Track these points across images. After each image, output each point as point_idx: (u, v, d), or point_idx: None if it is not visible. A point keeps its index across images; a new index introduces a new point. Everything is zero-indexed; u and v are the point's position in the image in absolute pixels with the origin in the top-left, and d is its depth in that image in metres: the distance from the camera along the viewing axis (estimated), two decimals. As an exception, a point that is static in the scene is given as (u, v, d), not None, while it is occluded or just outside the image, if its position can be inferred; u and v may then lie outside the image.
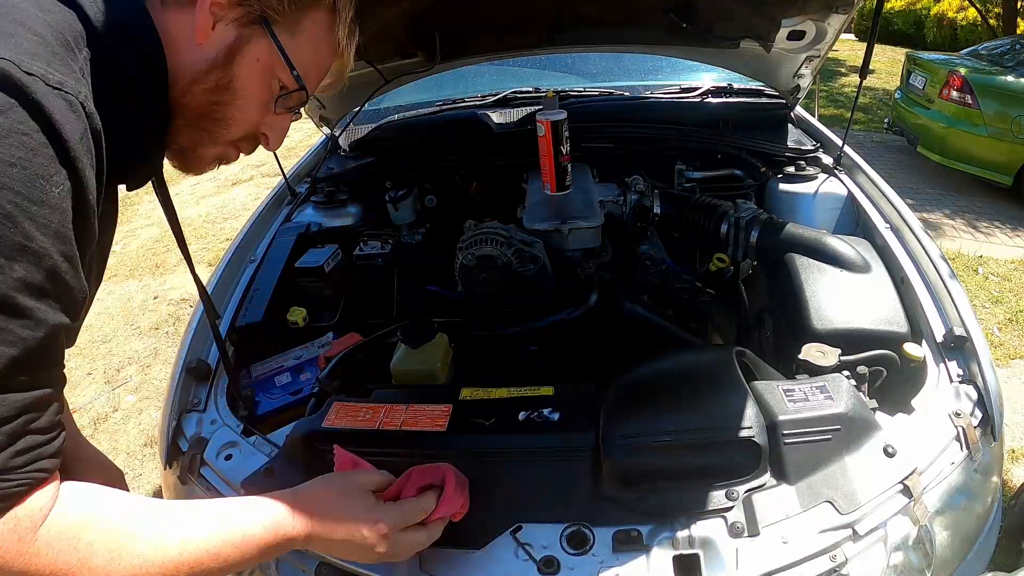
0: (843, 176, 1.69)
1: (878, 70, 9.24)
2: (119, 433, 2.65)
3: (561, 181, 1.51)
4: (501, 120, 2.03)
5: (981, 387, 1.03)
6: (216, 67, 0.66)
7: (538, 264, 1.37)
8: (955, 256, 3.90)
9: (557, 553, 0.82)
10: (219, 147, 0.73)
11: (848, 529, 0.82)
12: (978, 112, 4.72)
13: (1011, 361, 2.92)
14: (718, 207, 1.49)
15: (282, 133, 0.75)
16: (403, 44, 1.72)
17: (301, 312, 1.39)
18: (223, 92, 0.67)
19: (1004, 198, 4.74)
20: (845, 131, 1.65)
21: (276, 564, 0.89)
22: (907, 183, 5.06)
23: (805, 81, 1.87)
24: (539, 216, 1.45)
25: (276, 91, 0.71)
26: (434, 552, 0.82)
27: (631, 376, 1.02)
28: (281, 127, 0.75)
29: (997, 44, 5.68)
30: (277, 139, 0.75)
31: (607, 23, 1.78)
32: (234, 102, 0.68)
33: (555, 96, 1.48)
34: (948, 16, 11.18)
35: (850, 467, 0.87)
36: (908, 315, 1.15)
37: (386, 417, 0.97)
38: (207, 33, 0.64)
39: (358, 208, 1.81)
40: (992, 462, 0.99)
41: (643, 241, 1.53)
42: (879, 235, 1.40)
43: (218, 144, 0.72)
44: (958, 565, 0.93)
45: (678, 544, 0.81)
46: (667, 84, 2.25)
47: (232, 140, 0.73)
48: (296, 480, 0.74)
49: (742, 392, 0.90)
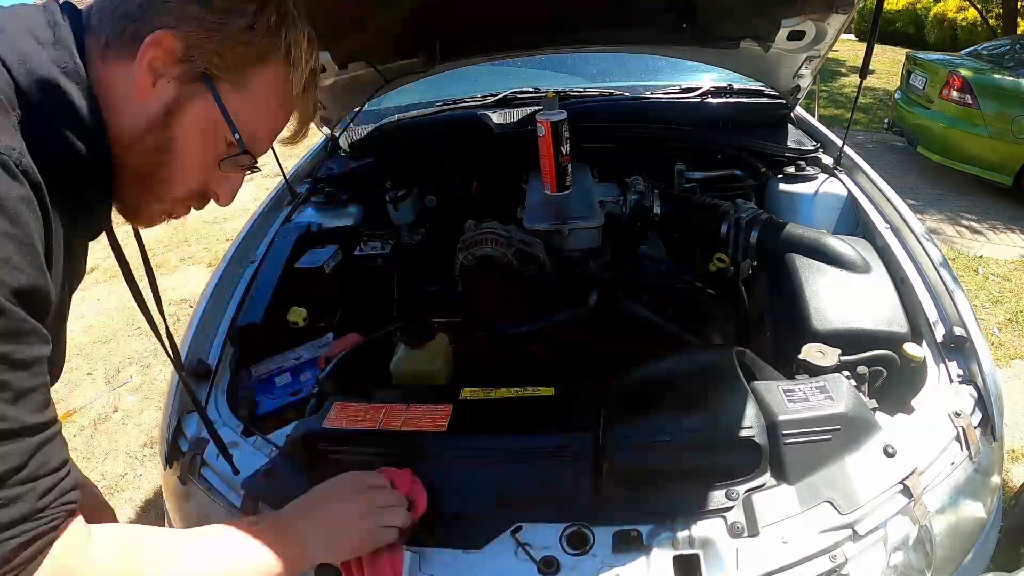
0: (843, 176, 1.69)
1: (878, 70, 9.24)
2: (119, 433, 2.65)
3: (561, 181, 1.51)
4: (501, 120, 2.03)
5: (981, 387, 1.03)
6: (155, 127, 0.62)
7: (538, 264, 1.37)
8: (955, 256, 3.90)
9: (557, 553, 0.82)
10: (166, 204, 0.70)
11: (848, 529, 0.82)
12: (978, 112, 4.72)
13: (1011, 361, 2.91)
14: (718, 207, 1.49)
15: (233, 190, 0.72)
16: (403, 44, 1.72)
17: (301, 312, 1.39)
18: (162, 153, 0.64)
19: (1004, 198, 4.74)
20: (845, 131, 1.65)
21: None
22: (907, 183, 5.05)
23: (805, 81, 1.87)
24: (539, 216, 1.45)
25: (222, 150, 0.67)
26: (434, 552, 0.82)
27: (631, 376, 1.02)
28: (232, 185, 0.72)
29: (997, 44, 5.69)
30: (228, 196, 0.72)
31: (607, 23, 1.78)
32: (175, 163, 0.65)
33: (555, 96, 1.48)
34: (948, 16, 11.18)
35: (850, 467, 0.87)
36: (908, 315, 1.15)
37: (386, 417, 0.97)
38: (147, 91, 0.61)
39: (358, 208, 1.81)
40: (992, 462, 0.99)
41: (643, 241, 1.53)
42: (879, 235, 1.40)
43: (164, 202, 0.69)
44: (958, 565, 0.93)
45: (678, 544, 0.81)
46: (667, 84, 2.25)
47: (178, 199, 0.69)
48: (296, 480, 0.75)
49: (742, 392, 0.90)
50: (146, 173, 0.65)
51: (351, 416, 0.96)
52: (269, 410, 1.21)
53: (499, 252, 1.34)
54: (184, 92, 0.62)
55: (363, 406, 0.99)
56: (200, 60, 0.62)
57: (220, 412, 1.11)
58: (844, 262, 1.25)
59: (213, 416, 1.10)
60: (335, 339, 1.33)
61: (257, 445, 1.03)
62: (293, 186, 1.88)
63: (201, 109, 0.64)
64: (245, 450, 1.02)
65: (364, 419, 0.97)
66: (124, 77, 0.61)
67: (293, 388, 1.25)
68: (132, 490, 2.37)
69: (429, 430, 0.94)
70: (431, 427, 0.94)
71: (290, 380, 1.26)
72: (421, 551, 0.82)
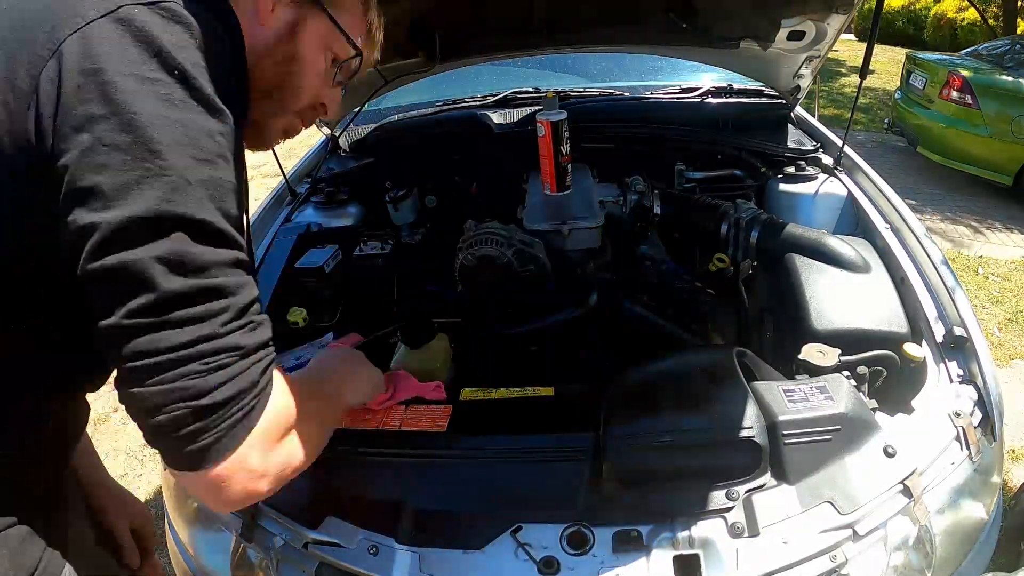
0: (843, 176, 1.69)
1: (878, 70, 9.24)
2: (119, 433, 2.65)
3: (561, 181, 1.51)
4: (501, 120, 2.03)
5: (981, 387, 1.03)
6: (282, 41, 0.72)
7: (538, 264, 1.37)
8: (955, 256, 3.90)
9: (557, 553, 0.82)
10: (286, 118, 0.79)
11: (848, 529, 0.82)
12: (978, 112, 4.72)
13: (1011, 361, 2.92)
14: (718, 207, 1.49)
15: (337, 102, 0.83)
16: (403, 44, 1.71)
17: (301, 312, 1.39)
18: (291, 63, 0.74)
19: (1004, 198, 4.74)
20: (845, 131, 1.65)
21: (276, 564, 0.89)
22: (907, 183, 5.05)
23: (805, 81, 1.87)
24: (539, 216, 1.45)
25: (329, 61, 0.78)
26: (434, 552, 0.82)
27: (631, 376, 1.02)
28: (336, 97, 0.83)
29: (997, 44, 5.68)
30: (335, 108, 0.83)
31: (607, 23, 1.78)
32: (302, 71, 0.75)
33: (555, 96, 1.48)
34: (948, 16, 11.18)
35: (850, 467, 0.87)
36: (908, 315, 1.15)
37: (386, 417, 0.97)
38: (268, 14, 0.70)
39: (358, 208, 1.81)
40: (992, 462, 0.99)
41: (643, 241, 1.53)
42: (879, 235, 1.40)
43: (286, 114, 0.79)
44: (958, 565, 0.93)
45: (678, 544, 0.81)
46: (667, 84, 2.25)
47: (298, 110, 0.79)
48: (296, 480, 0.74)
49: (743, 392, 0.90)
50: (275, 86, 0.74)
51: (351, 415, 0.96)
52: (269, 410, 1.21)
53: (499, 252, 1.34)
54: (301, 12, 0.73)
55: (363, 406, 0.99)
56: None
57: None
58: (844, 262, 1.25)
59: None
60: (335, 339, 1.33)
61: (257, 445, 1.03)
62: (293, 186, 1.88)
63: (320, 24, 0.74)
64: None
65: (364, 419, 0.97)
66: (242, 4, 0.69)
67: (293, 388, 1.24)
68: (132, 490, 2.36)
69: (429, 430, 0.94)
70: (431, 427, 0.94)
71: (290, 380, 1.26)
72: (421, 551, 0.82)
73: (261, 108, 0.74)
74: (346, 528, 0.86)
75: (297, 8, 0.73)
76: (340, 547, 0.85)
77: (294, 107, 0.78)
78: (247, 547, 0.92)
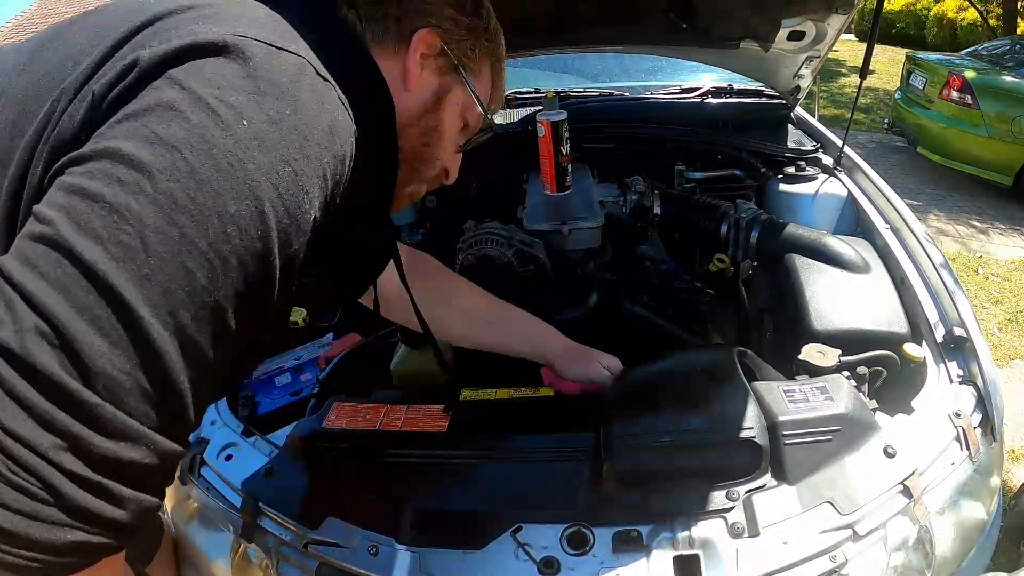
0: (843, 176, 1.69)
1: (878, 70, 9.24)
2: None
3: (561, 181, 1.51)
4: (501, 120, 2.03)
5: (981, 387, 1.03)
6: (428, 111, 0.72)
7: (538, 264, 1.37)
8: (955, 256, 3.90)
9: (557, 553, 0.82)
10: (415, 185, 0.79)
11: (848, 530, 0.82)
12: (978, 112, 4.72)
13: (1011, 361, 2.92)
14: (718, 207, 1.49)
15: (457, 168, 0.83)
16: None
17: (301, 312, 1.39)
18: (432, 134, 0.73)
19: (1004, 198, 4.75)
20: (845, 131, 1.65)
21: (276, 564, 0.89)
22: (907, 183, 5.06)
23: (805, 81, 1.87)
24: (539, 216, 1.45)
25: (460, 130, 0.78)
26: (434, 552, 0.82)
27: (631, 376, 1.02)
28: (458, 162, 0.83)
29: (997, 44, 5.69)
30: (455, 172, 0.83)
31: (607, 23, 1.78)
32: (440, 142, 0.75)
33: (555, 96, 1.48)
34: (948, 16, 11.19)
35: (850, 468, 0.87)
36: (908, 315, 1.15)
37: (387, 417, 0.97)
38: (417, 80, 0.69)
39: (358, 208, 1.80)
40: (992, 462, 0.99)
41: (643, 241, 1.53)
42: (879, 235, 1.40)
43: (420, 182, 0.79)
44: (958, 566, 0.93)
45: (678, 544, 0.81)
46: (667, 84, 2.25)
47: (428, 179, 0.79)
48: (297, 480, 0.74)
49: (743, 392, 0.90)
50: (415, 156, 0.73)
51: (351, 416, 0.96)
52: (269, 410, 1.21)
53: (499, 252, 1.34)
54: (445, 81, 0.72)
55: (363, 406, 0.99)
56: (454, 54, 0.72)
57: (220, 412, 1.11)
58: (844, 262, 1.25)
59: (213, 416, 1.10)
60: (335, 339, 1.33)
61: (257, 445, 1.03)
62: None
63: (457, 94, 0.74)
64: (245, 450, 1.02)
65: (364, 419, 0.97)
66: (389, 69, 0.67)
67: (293, 388, 1.25)
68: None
69: (429, 430, 0.94)
70: (431, 427, 0.94)
71: (290, 380, 1.26)
72: (421, 551, 0.82)
73: (400, 175, 0.73)
74: (346, 528, 0.86)
75: (440, 76, 0.72)
76: (340, 547, 0.85)
77: (427, 175, 0.78)
78: (247, 547, 0.92)
